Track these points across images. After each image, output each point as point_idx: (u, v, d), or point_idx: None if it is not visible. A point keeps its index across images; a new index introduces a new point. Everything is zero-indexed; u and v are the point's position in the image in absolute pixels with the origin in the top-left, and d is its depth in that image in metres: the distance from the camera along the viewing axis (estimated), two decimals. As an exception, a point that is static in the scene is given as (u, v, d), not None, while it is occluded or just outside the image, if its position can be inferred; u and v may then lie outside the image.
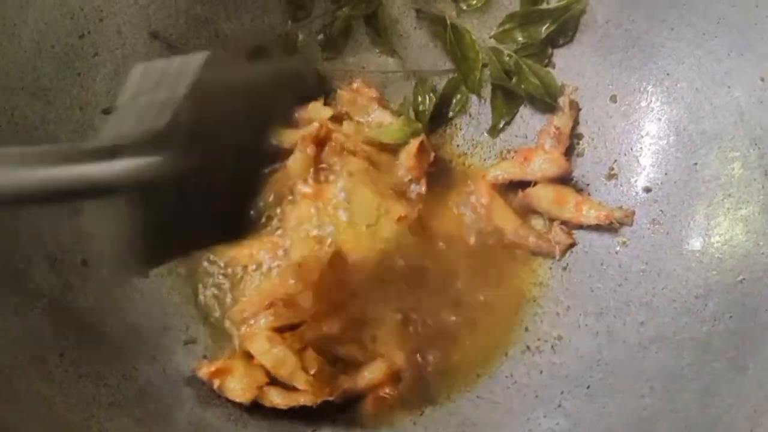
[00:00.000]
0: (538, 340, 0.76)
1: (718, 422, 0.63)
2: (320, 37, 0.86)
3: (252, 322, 0.75)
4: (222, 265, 0.78)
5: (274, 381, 0.72)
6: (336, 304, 0.74)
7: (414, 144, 0.80)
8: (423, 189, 0.81)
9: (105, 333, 0.71)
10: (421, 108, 0.85)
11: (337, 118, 0.83)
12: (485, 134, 0.86)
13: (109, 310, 0.72)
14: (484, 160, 0.85)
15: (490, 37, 0.84)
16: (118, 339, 0.71)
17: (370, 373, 0.73)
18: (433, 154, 0.82)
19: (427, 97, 0.85)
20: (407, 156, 0.80)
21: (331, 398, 0.70)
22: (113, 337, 0.71)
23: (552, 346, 0.75)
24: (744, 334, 0.67)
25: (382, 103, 0.85)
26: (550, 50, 0.83)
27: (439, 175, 0.83)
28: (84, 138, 0.75)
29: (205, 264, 0.78)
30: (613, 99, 0.81)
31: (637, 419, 0.67)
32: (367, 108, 0.83)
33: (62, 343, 0.67)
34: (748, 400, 0.63)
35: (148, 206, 0.51)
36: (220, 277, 0.78)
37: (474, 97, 0.86)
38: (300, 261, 0.76)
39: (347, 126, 0.82)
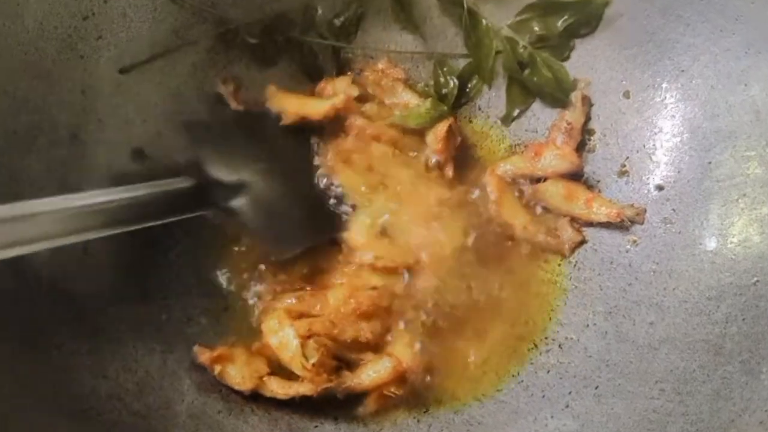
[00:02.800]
0: (546, 338, 0.75)
1: (730, 426, 0.62)
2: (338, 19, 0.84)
3: (275, 299, 0.75)
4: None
5: (274, 372, 0.71)
6: (364, 315, 0.73)
7: (443, 126, 0.79)
8: (450, 173, 0.79)
9: (105, 323, 0.69)
10: (444, 91, 0.84)
11: (360, 100, 0.81)
12: (496, 124, 0.84)
13: (109, 300, 0.70)
14: (493, 152, 0.84)
15: (507, 26, 0.82)
16: (118, 330, 0.70)
17: (376, 372, 0.71)
18: (459, 138, 0.80)
19: (450, 80, 0.84)
20: (435, 139, 0.79)
21: (330, 385, 0.69)
22: (113, 328, 0.69)
23: (560, 345, 0.74)
24: (757, 338, 0.66)
25: (408, 84, 0.83)
26: (572, 43, 0.81)
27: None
28: (86, 122, 0.73)
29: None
30: (627, 95, 0.80)
31: (647, 421, 0.66)
32: (393, 89, 0.82)
33: (61, 333, 0.66)
34: (761, 404, 0.62)
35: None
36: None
37: (486, 86, 0.84)
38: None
39: (369, 108, 0.81)
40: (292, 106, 0.80)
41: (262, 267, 0.77)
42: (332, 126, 0.80)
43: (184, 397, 0.69)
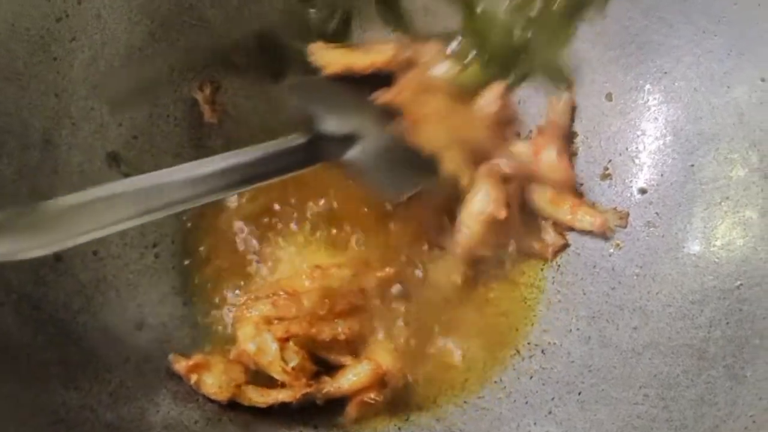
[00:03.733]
0: (528, 344, 0.74)
1: (715, 432, 0.62)
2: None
3: (249, 306, 0.73)
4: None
5: (252, 380, 0.70)
6: (339, 314, 0.72)
7: (497, 87, 0.77)
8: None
9: (77, 332, 0.68)
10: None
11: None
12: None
13: (81, 308, 0.69)
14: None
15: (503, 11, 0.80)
16: (91, 338, 0.68)
17: (355, 376, 0.70)
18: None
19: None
20: (489, 100, 0.77)
21: (310, 390, 0.68)
22: (85, 337, 0.68)
23: (543, 351, 0.74)
24: (741, 342, 0.65)
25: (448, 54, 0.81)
26: (574, 24, 0.79)
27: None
28: (59, 126, 0.72)
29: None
30: (609, 97, 0.79)
31: (631, 427, 0.65)
32: (434, 61, 0.80)
33: (31, 342, 0.64)
34: (746, 409, 0.62)
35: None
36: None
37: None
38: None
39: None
40: (335, 57, 0.79)
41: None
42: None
43: (159, 408, 0.67)
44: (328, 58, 0.79)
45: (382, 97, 0.76)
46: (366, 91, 0.78)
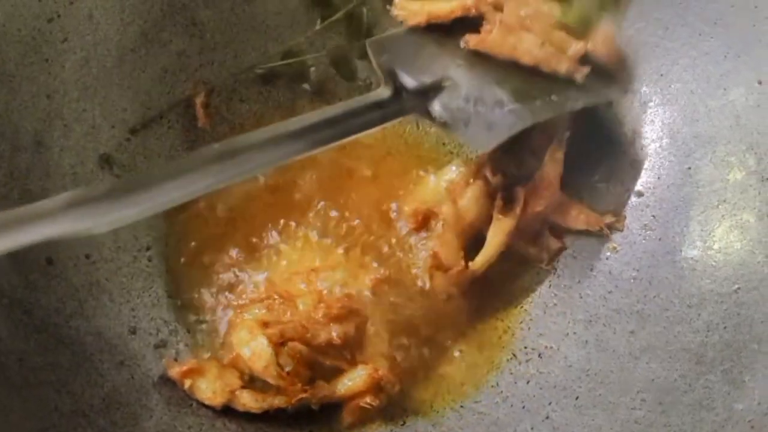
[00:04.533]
0: (525, 348, 0.74)
1: (713, 437, 0.61)
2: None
3: (243, 310, 0.73)
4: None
5: (247, 385, 0.69)
6: (335, 318, 0.72)
7: (608, 28, 0.74)
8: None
9: (69, 336, 0.67)
10: None
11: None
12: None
13: (74, 312, 0.68)
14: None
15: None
16: (83, 343, 0.67)
17: (351, 381, 0.70)
18: None
19: None
20: (603, 40, 0.73)
21: (305, 395, 0.68)
22: (78, 341, 0.67)
23: (539, 355, 0.73)
24: (739, 346, 0.65)
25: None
26: None
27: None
28: (51, 128, 0.71)
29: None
30: (605, 99, 0.79)
31: (628, 432, 0.65)
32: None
33: (22, 346, 0.63)
34: (744, 414, 0.62)
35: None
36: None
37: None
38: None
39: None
40: (416, 6, 0.76)
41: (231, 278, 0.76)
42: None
43: (152, 413, 0.67)
44: (410, 8, 0.76)
45: (471, 41, 0.73)
46: (454, 39, 0.75)
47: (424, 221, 0.77)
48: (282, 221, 0.78)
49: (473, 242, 0.76)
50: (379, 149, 0.82)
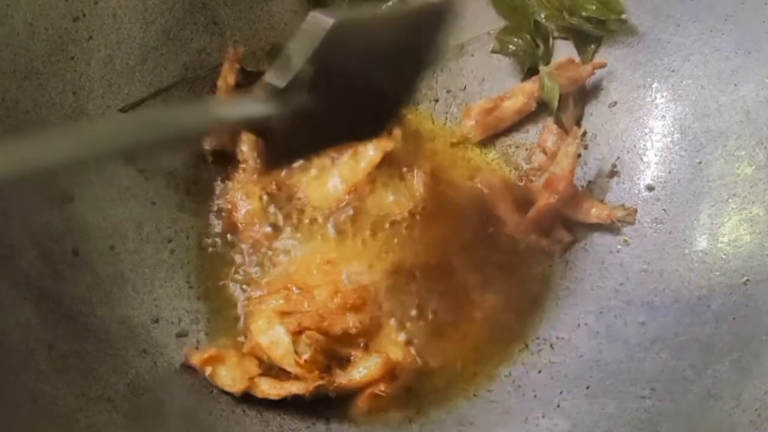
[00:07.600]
0: (537, 338, 0.75)
1: (721, 425, 0.62)
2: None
3: (262, 301, 0.74)
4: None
5: (266, 372, 0.71)
6: (350, 307, 0.73)
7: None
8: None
9: (95, 325, 0.69)
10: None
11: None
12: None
13: (99, 302, 0.70)
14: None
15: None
16: (108, 331, 0.69)
17: (366, 369, 0.71)
18: None
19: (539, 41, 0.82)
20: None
21: (322, 383, 0.69)
22: (103, 329, 0.69)
23: (551, 345, 0.74)
24: (748, 337, 0.66)
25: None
26: None
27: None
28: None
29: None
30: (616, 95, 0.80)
31: (638, 421, 0.66)
32: None
33: (51, 334, 0.65)
34: (752, 403, 0.62)
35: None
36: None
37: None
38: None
39: None
40: None
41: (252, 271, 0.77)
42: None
43: (174, 399, 0.68)
44: None
45: None
46: None
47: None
48: (302, 212, 0.79)
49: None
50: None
